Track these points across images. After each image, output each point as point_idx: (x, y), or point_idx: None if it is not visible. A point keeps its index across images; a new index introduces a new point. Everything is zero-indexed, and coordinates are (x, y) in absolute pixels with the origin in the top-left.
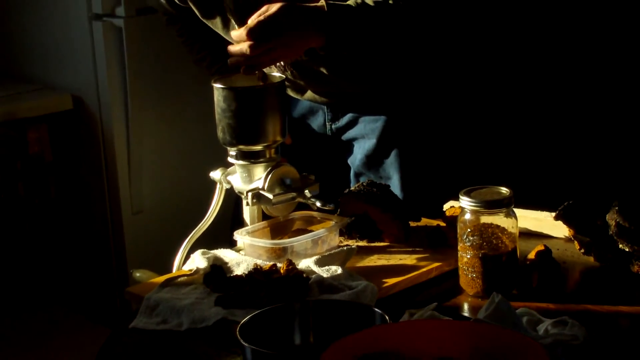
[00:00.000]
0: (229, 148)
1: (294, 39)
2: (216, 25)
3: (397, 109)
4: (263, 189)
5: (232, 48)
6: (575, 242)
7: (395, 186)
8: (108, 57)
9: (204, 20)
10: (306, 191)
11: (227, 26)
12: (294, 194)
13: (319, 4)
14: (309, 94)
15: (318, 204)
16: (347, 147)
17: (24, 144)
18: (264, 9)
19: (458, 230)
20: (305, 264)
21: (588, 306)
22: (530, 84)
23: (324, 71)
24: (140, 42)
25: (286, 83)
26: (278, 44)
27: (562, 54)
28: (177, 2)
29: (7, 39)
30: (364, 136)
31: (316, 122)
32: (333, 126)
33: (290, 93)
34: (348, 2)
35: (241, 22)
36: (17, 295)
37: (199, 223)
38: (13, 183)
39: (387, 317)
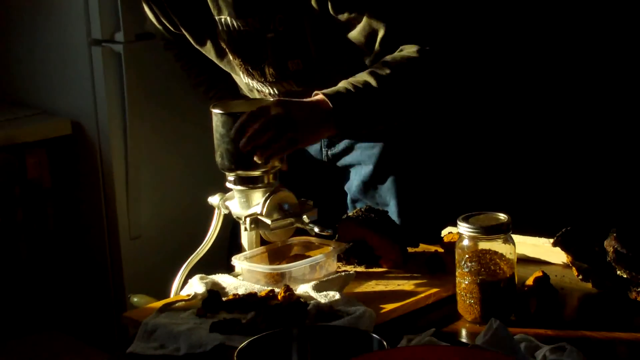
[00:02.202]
0: (227, 173)
1: (308, 134)
2: (209, 52)
3: (394, 135)
4: (261, 214)
5: (248, 137)
6: (573, 268)
7: (392, 212)
8: (107, 83)
9: (198, 47)
10: (304, 217)
11: (221, 55)
12: (292, 220)
13: (318, 97)
14: None
15: (316, 229)
16: (344, 174)
17: (22, 169)
18: (268, 106)
19: (456, 256)
20: (303, 289)
21: (586, 332)
22: (527, 109)
23: None
24: (140, 68)
25: None
26: (296, 136)
27: (557, 76)
28: (172, 29)
29: (6, 63)
30: (361, 162)
31: (312, 148)
32: (329, 152)
33: None
34: (347, 85)
35: (236, 54)
36: (15, 319)
37: (197, 248)
38: (11, 208)
39: (385, 343)
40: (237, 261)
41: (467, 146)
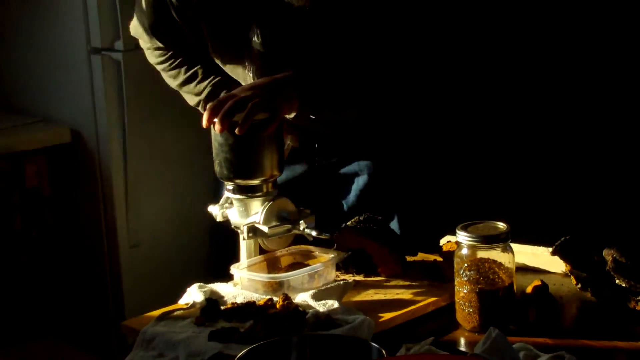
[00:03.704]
0: (226, 182)
1: (271, 97)
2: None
3: (390, 144)
4: (258, 222)
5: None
6: (572, 277)
7: (391, 222)
8: (106, 91)
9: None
10: (301, 222)
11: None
12: (289, 226)
13: (288, 73)
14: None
15: (313, 233)
16: (339, 183)
17: (21, 176)
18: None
19: (455, 265)
20: (302, 298)
21: (585, 341)
22: (525, 117)
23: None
24: (139, 76)
25: None
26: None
27: (555, 84)
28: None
29: (6, 71)
30: (358, 172)
31: (305, 157)
32: (323, 162)
33: None
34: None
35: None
36: (14, 327)
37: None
38: (10, 216)
39: (384, 352)
40: (235, 270)
41: (466, 155)
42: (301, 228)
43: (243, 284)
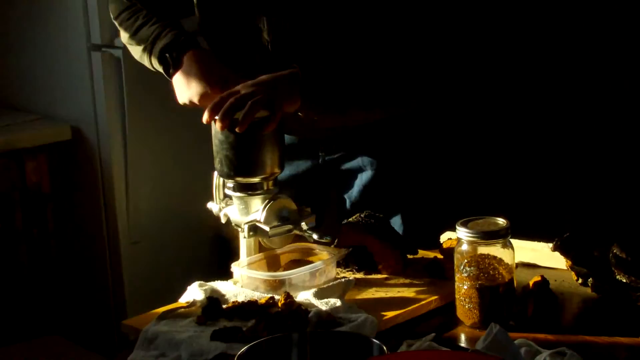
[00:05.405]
0: (226, 180)
1: (275, 93)
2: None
3: (394, 140)
4: (259, 221)
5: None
6: (573, 273)
7: (395, 218)
8: (107, 88)
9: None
10: (303, 223)
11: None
12: (290, 226)
13: (293, 69)
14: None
15: (315, 236)
16: (342, 178)
17: (22, 174)
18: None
19: (455, 262)
20: (304, 296)
21: (586, 337)
22: (526, 114)
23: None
24: (139, 73)
25: None
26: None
27: (556, 80)
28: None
29: (6, 68)
30: (361, 168)
31: (308, 153)
32: (326, 157)
33: None
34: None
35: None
36: (15, 324)
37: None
38: (11, 213)
39: (385, 348)
40: (236, 268)
41: (466, 151)
42: (303, 229)
43: (243, 282)
